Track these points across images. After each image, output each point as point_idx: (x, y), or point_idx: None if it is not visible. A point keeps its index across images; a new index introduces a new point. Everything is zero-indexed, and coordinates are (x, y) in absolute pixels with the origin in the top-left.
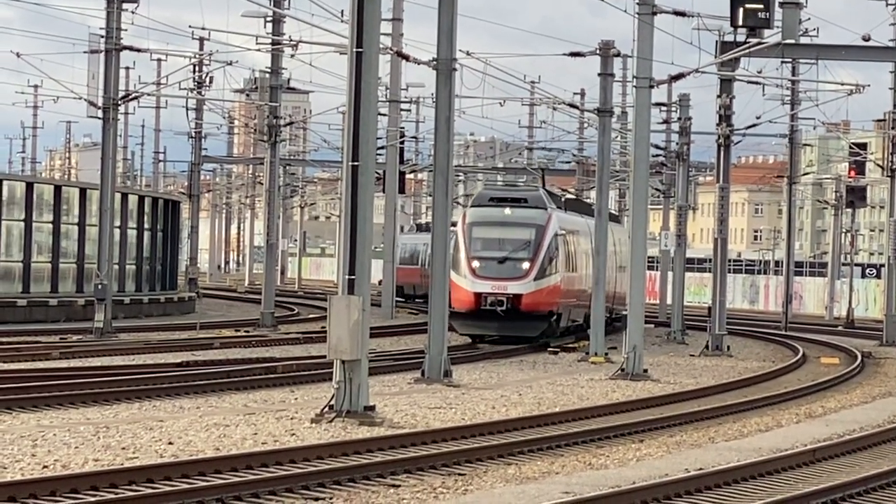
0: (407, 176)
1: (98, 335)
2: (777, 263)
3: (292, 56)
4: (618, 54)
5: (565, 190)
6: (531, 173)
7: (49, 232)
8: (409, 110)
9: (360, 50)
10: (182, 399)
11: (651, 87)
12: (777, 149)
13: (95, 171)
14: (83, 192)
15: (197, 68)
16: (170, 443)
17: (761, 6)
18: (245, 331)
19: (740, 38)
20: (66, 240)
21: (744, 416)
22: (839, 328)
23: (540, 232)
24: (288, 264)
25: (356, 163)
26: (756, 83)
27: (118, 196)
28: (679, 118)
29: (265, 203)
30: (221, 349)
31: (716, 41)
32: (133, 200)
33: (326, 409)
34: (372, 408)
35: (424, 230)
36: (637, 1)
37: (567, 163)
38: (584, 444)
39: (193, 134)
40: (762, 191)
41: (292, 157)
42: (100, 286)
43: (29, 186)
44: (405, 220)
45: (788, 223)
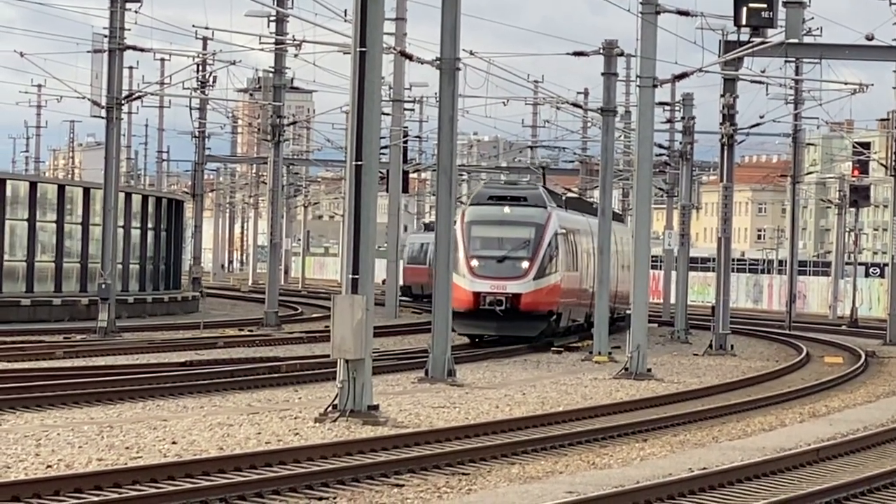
0: (410, 175)
1: (102, 335)
2: (781, 263)
3: (296, 55)
4: (621, 54)
5: (569, 189)
6: (535, 172)
7: (53, 231)
8: (413, 110)
9: (364, 49)
10: (186, 398)
11: (654, 87)
12: (780, 148)
13: (99, 171)
14: (87, 192)
15: (200, 68)
16: (173, 442)
17: (765, 5)
18: (249, 330)
19: (744, 38)
20: (70, 239)
21: (747, 416)
22: (843, 327)
23: (539, 231)
24: (291, 264)
25: (360, 162)
26: (759, 82)
27: (122, 195)
28: (682, 117)
29: (269, 202)
30: (225, 349)
31: (719, 40)
32: (137, 200)
33: (330, 409)
34: (375, 407)
35: (432, 230)
36: (640, 0)
37: (571, 162)
38: (588, 444)
39: (197, 133)
40: (766, 190)
41: (296, 157)
42: (103, 286)
43: (32, 186)
44: (409, 220)
45: (792, 222)
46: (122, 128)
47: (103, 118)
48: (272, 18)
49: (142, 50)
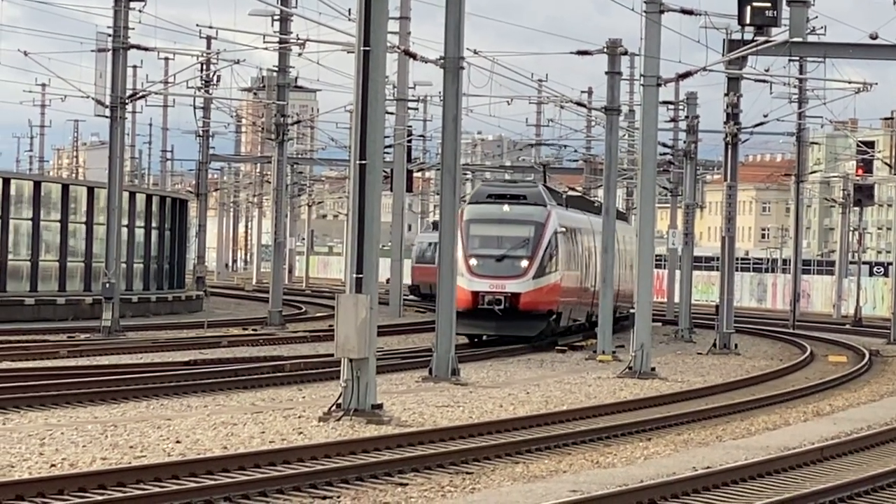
0: (414, 174)
1: (106, 334)
2: (785, 262)
3: (300, 54)
4: (625, 53)
5: (572, 188)
6: (538, 171)
7: (57, 231)
8: (417, 109)
9: (368, 48)
10: (190, 398)
11: (658, 86)
12: (784, 147)
13: (103, 170)
14: (91, 191)
15: (204, 67)
16: (177, 441)
17: (769, 4)
18: (253, 329)
19: (748, 37)
20: (74, 238)
21: (751, 415)
22: (847, 326)
23: (539, 229)
24: (296, 263)
25: (364, 161)
26: (763, 81)
27: (126, 195)
28: (686, 116)
29: (273, 201)
30: (229, 348)
31: (723, 39)
32: (141, 199)
33: (334, 408)
34: (379, 406)
35: None
36: None
37: (574, 161)
38: (592, 443)
39: (201, 132)
40: (770, 189)
41: (300, 156)
42: (107, 285)
43: (36, 185)
44: (413, 219)
45: (796, 221)
46: (126, 127)
47: (107, 117)
48: (276, 17)
49: (146, 49)
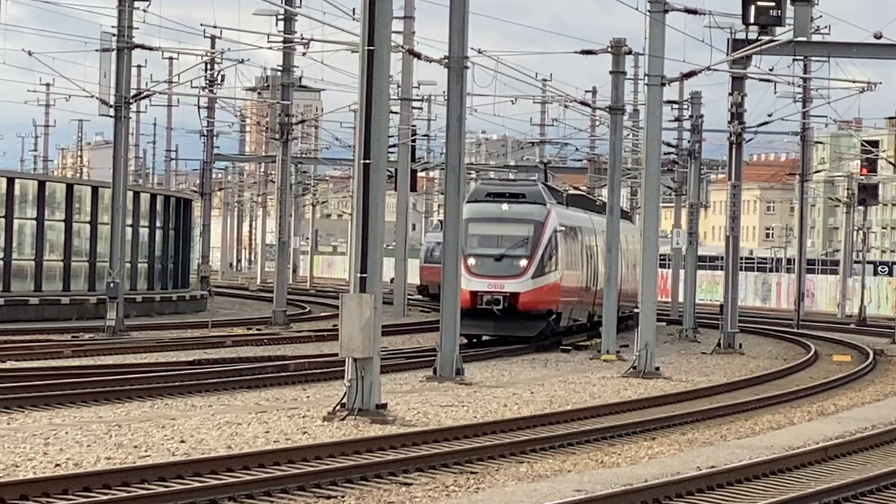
0: (419, 174)
1: (110, 333)
2: (789, 261)
3: (304, 54)
4: (629, 52)
5: (576, 187)
6: (541, 170)
7: (61, 230)
8: (421, 108)
9: (372, 48)
10: (194, 397)
11: (663, 85)
12: (789, 146)
13: (107, 170)
14: (95, 191)
15: (208, 66)
16: (182, 441)
17: (773, 4)
18: (257, 329)
19: (752, 36)
20: (78, 238)
21: (756, 414)
22: (851, 326)
23: (538, 228)
24: (300, 262)
25: (368, 161)
26: (768, 81)
27: (130, 194)
28: (691, 116)
29: (277, 201)
30: (233, 347)
31: (727, 39)
32: (145, 199)
33: (338, 408)
34: (384, 406)
35: None
36: None
37: (579, 160)
38: (596, 443)
39: (205, 132)
40: (774, 188)
41: (304, 156)
42: (112, 284)
43: (41, 185)
44: (417, 219)
45: (800, 221)
46: (131, 126)
47: (111, 117)
48: (280, 17)
49: (150, 49)
